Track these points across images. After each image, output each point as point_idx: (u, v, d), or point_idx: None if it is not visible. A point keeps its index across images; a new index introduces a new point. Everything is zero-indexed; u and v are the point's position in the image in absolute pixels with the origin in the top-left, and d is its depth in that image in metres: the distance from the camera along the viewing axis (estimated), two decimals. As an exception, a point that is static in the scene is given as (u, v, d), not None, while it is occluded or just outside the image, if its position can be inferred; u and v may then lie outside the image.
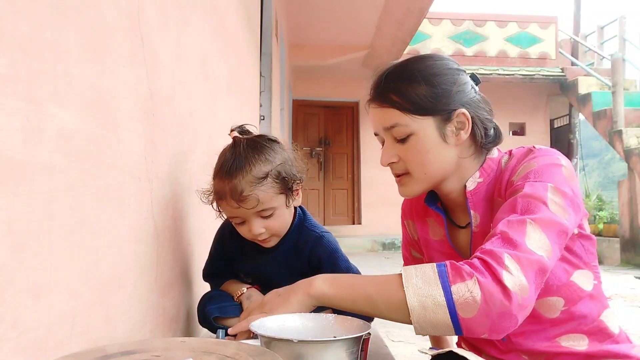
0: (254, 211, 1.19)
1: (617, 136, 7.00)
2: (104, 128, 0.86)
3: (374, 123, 1.02)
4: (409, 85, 0.95)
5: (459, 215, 1.05)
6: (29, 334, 0.64)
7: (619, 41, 8.48)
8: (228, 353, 0.71)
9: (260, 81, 3.68)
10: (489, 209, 0.98)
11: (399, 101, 0.95)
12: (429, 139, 0.95)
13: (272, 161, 1.21)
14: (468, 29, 8.79)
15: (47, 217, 0.68)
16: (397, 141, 0.97)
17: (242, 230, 1.27)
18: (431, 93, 0.94)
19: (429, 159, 0.96)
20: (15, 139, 0.61)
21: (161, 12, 1.18)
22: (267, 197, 1.19)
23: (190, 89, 1.48)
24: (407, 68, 0.98)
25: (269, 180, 1.19)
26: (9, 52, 0.59)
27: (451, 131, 0.96)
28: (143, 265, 1.06)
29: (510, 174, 0.95)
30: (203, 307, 1.39)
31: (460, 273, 0.78)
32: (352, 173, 8.51)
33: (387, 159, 0.99)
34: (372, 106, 1.02)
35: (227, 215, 1.27)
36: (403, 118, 0.95)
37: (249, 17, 3.00)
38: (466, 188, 0.99)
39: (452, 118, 0.95)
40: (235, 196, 1.17)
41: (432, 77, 0.95)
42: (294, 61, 7.02)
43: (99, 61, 0.84)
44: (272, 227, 1.24)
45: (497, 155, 1.01)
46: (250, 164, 1.18)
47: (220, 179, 1.22)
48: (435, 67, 0.97)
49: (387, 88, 0.97)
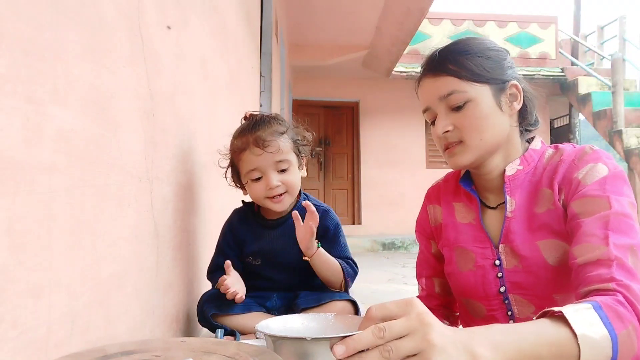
0: (274, 160, 1.35)
1: (617, 136, 7.00)
2: (104, 128, 0.86)
3: (427, 95, 1.01)
4: (465, 56, 0.98)
5: (489, 197, 1.07)
6: (29, 334, 0.64)
7: (619, 41, 8.48)
8: (228, 353, 0.71)
9: (260, 81, 3.68)
10: (528, 196, 0.99)
11: (456, 69, 0.97)
12: (487, 105, 0.97)
13: (286, 125, 1.41)
14: (468, 29, 8.78)
15: (47, 217, 0.68)
16: (452, 110, 0.98)
17: (257, 189, 1.39)
18: (487, 63, 0.98)
19: (486, 124, 0.97)
20: (15, 139, 0.61)
21: (161, 12, 1.18)
22: (285, 148, 1.37)
23: (190, 89, 1.48)
24: (460, 43, 1.01)
25: (286, 137, 1.39)
26: (9, 52, 0.59)
27: (505, 101, 0.99)
28: (143, 265, 1.06)
29: (568, 167, 0.95)
30: (202, 306, 1.40)
31: (621, 318, 0.74)
32: (352, 173, 8.51)
33: (442, 127, 0.98)
34: (426, 79, 1.02)
35: (246, 170, 1.38)
36: (461, 85, 0.97)
37: (249, 17, 3.00)
38: (505, 172, 1.01)
39: (505, 88, 0.99)
40: (259, 142, 1.34)
41: (486, 50, 1.00)
42: (294, 61, 7.02)
43: (99, 61, 0.84)
44: (287, 181, 1.38)
45: (540, 147, 1.04)
46: (270, 123, 1.39)
47: (243, 134, 1.40)
48: (487, 43, 1.02)
49: (444, 59, 0.99)
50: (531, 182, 1.00)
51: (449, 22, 8.77)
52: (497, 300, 1.00)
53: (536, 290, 0.95)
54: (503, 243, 1.00)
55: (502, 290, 0.99)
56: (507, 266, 0.99)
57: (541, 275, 0.94)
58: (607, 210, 0.86)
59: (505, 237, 1.00)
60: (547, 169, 0.99)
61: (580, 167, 0.94)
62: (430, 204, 1.19)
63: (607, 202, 0.87)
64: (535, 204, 0.98)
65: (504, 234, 1.00)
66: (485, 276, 1.01)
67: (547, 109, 9.09)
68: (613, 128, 7.11)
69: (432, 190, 1.20)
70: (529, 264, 0.96)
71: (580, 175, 0.93)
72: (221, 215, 1.70)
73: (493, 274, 1.00)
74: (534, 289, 0.96)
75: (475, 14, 9.01)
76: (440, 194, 1.17)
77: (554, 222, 0.95)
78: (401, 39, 6.21)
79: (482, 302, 1.02)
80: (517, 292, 0.98)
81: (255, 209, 1.54)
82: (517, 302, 0.98)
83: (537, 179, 1.00)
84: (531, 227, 0.98)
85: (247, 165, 1.37)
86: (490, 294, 1.00)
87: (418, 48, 8.28)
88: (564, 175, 0.95)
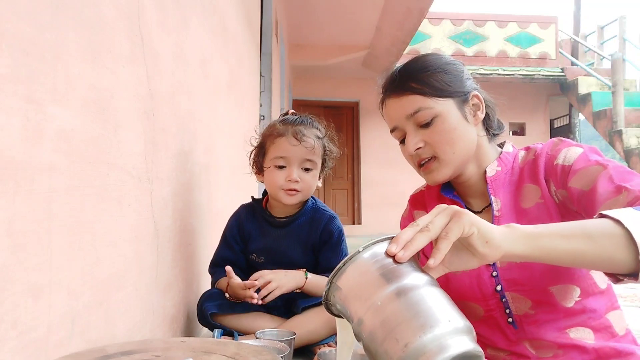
0: (304, 157, 1.41)
1: (617, 136, 7.00)
2: (104, 128, 0.86)
3: (393, 114, 1.03)
4: (425, 73, 1.00)
5: (472, 202, 1.08)
6: (29, 334, 0.64)
7: (619, 41, 8.47)
8: (228, 353, 0.71)
9: (260, 81, 3.67)
10: (511, 195, 1.02)
11: (420, 87, 0.99)
12: (453, 118, 0.99)
13: (323, 133, 1.49)
14: (468, 29, 8.78)
15: (47, 217, 0.68)
16: (421, 127, 1.00)
17: (277, 176, 1.43)
18: (447, 78, 1.00)
19: (456, 137, 0.99)
20: (15, 139, 0.61)
21: (161, 12, 1.18)
22: (317, 150, 1.44)
23: (190, 89, 1.48)
24: (418, 61, 1.03)
25: (320, 143, 1.46)
26: (9, 52, 0.59)
27: (469, 111, 1.02)
28: (143, 265, 1.06)
29: (547, 159, 0.98)
30: (201, 305, 1.41)
31: None
32: (352, 173, 8.51)
33: (414, 145, 1.00)
34: (390, 99, 1.03)
35: (275, 155, 1.43)
36: (426, 101, 0.99)
37: (249, 17, 3.00)
38: (486, 174, 1.04)
39: (468, 100, 1.02)
40: (298, 134, 1.41)
41: (444, 65, 1.02)
42: (294, 61, 7.01)
43: (99, 61, 0.84)
44: (306, 181, 1.43)
45: (512, 150, 1.08)
46: (312, 124, 1.48)
47: (286, 122, 1.46)
48: (442, 58, 1.04)
49: (405, 78, 1.01)
50: (511, 182, 1.03)
51: (449, 22, 8.77)
52: (494, 300, 1.00)
53: (532, 284, 0.96)
54: None
55: (498, 288, 0.99)
56: (501, 264, 0.99)
57: (535, 268, 0.95)
58: (603, 170, 0.89)
59: None
60: (526, 167, 1.02)
61: (556, 155, 0.97)
62: (417, 210, 1.20)
63: (598, 165, 0.90)
64: (521, 201, 1.00)
65: None
66: (480, 276, 1.01)
67: (547, 109, 9.09)
68: (613, 128, 7.11)
69: (416, 196, 1.21)
70: None
71: (559, 161, 0.95)
72: (221, 215, 1.70)
73: (487, 274, 1.00)
74: (529, 283, 0.96)
75: (475, 14, 9.00)
76: (425, 200, 1.18)
77: (544, 215, 0.96)
78: (401, 39, 6.21)
79: (479, 304, 1.02)
80: (513, 288, 0.98)
81: (264, 205, 1.54)
82: (514, 299, 0.98)
83: (516, 178, 1.03)
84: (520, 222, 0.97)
85: (278, 150, 1.42)
86: (487, 294, 1.01)
87: (418, 48, 8.28)
88: (545, 167, 0.98)
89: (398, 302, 0.61)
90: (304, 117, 1.48)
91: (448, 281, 1.04)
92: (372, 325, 0.61)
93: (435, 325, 0.59)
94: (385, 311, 0.60)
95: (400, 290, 0.62)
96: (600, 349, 0.94)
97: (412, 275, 0.64)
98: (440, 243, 0.66)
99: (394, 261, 0.64)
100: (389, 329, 0.59)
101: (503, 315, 1.00)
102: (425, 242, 0.66)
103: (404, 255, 0.64)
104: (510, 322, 0.99)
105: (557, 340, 0.95)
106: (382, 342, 0.60)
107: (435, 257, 0.65)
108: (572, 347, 0.95)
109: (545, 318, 0.96)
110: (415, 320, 0.59)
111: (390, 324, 0.60)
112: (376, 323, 0.61)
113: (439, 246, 0.66)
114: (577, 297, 0.95)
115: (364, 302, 0.62)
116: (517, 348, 0.99)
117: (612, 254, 0.71)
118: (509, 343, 1.00)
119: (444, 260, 0.70)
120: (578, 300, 0.95)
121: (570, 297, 0.95)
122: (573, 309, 0.95)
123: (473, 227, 0.67)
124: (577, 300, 0.95)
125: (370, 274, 0.64)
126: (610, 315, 0.97)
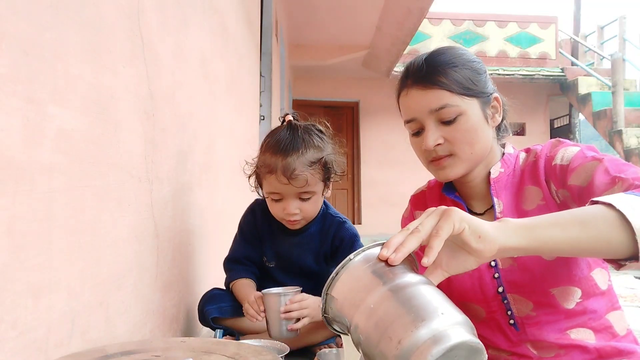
0: (299, 191, 1.30)
1: (617, 136, 6.99)
2: (104, 128, 0.86)
3: (415, 106, 1.00)
4: (453, 69, 0.98)
5: (474, 203, 1.07)
6: (29, 334, 0.64)
7: (619, 41, 8.47)
8: (228, 353, 0.71)
9: (260, 81, 3.67)
10: (513, 196, 1.02)
11: (448, 82, 0.97)
12: (476, 117, 0.98)
13: (323, 150, 1.34)
14: (468, 29, 8.78)
15: (47, 217, 0.68)
16: (442, 123, 0.98)
17: (275, 208, 1.35)
18: (473, 76, 0.99)
19: (476, 137, 0.98)
20: (15, 139, 0.61)
21: (161, 12, 1.18)
22: (313, 181, 1.31)
23: (190, 89, 1.48)
24: (445, 54, 1.01)
25: (318, 166, 1.31)
26: (9, 52, 0.59)
27: (489, 114, 1.01)
28: (143, 265, 1.06)
29: (546, 161, 0.99)
30: (202, 307, 1.41)
31: None
32: (352, 173, 8.51)
33: (434, 141, 0.98)
34: (414, 89, 1.00)
35: (268, 190, 1.34)
36: (453, 99, 0.97)
37: (249, 17, 3.00)
38: (490, 175, 1.03)
39: (490, 102, 1.01)
40: (287, 173, 1.27)
41: (469, 62, 1.00)
42: (294, 61, 7.01)
43: (99, 61, 0.84)
44: (307, 210, 1.35)
45: (513, 151, 1.07)
46: (306, 147, 1.30)
47: (274, 154, 1.30)
48: (469, 54, 1.03)
49: (433, 70, 0.98)
50: (513, 183, 1.03)
51: (449, 22, 8.76)
52: (496, 302, 1.00)
53: (533, 286, 0.96)
54: None
55: (500, 290, 0.99)
56: (503, 266, 0.99)
57: (536, 270, 0.95)
58: (599, 164, 0.89)
59: None
60: (527, 169, 1.02)
61: (554, 155, 0.97)
62: (418, 210, 1.19)
63: (594, 160, 0.90)
64: (522, 202, 1.00)
65: None
66: (482, 278, 1.01)
67: (547, 109, 9.09)
68: (613, 128, 7.11)
69: (417, 197, 1.20)
70: (524, 261, 0.96)
71: (558, 161, 0.96)
72: (221, 215, 1.70)
73: (489, 275, 1.00)
74: (530, 285, 0.96)
75: (475, 14, 9.00)
76: (427, 201, 1.17)
77: None
78: (401, 39, 6.21)
79: (481, 305, 1.02)
80: (515, 290, 0.98)
81: None
82: (516, 301, 0.98)
83: (517, 180, 1.02)
84: None
85: (270, 187, 1.33)
86: (489, 296, 1.01)
87: (418, 48, 8.27)
88: (545, 168, 0.98)
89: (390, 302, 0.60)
90: (297, 136, 1.32)
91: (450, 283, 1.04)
92: (367, 328, 0.60)
93: (427, 318, 0.57)
94: (378, 312, 0.60)
95: (393, 290, 0.61)
96: (602, 349, 0.94)
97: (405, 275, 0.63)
98: (431, 241, 0.65)
99: (386, 265, 0.64)
100: (383, 329, 0.58)
101: (504, 316, 1.00)
102: (417, 244, 0.66)
103: (396, 257, 0.64)
104: (511, 323, 0.99)
105: (558, 341, 0.95)
106: (378, 344, 0.59)
107: (429, 255, 0.64)
108: (574, 347, 0.95)
109: (547, 319, 0.96)
110: (407, 316, 0.58)
111: (384, 324, 0.58)
112: (370, 325, 0.60)
113: (430, 244, 0.65)
114: (578, 298, 0.95)
115: (358, 307, 0.61)
116: (519, 349, 0.99)
117: (608, 237, 0.71)
118: (510, 344, 1.00)
119: (442, 265, 0.69)
120: (579, 301, 0.95)
121: (571, 298, 0.95)
122: (574, 310, 0.95)
123: (463, 223, 0.66)
124: (577, 302, 0.95)
125: (362, 279, 0.63)
126: (611, 315, 0.98)
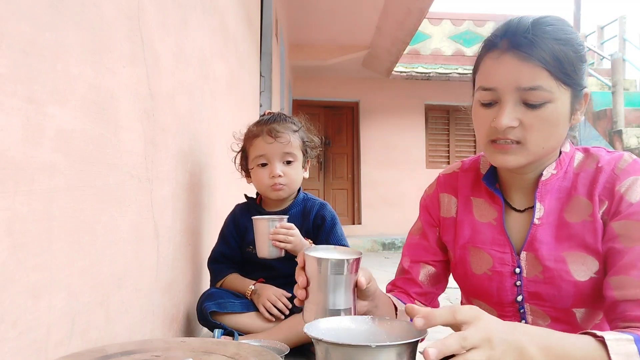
0: (282, 151, 1.48)
1: (617, 136, 6.99)
2: (104, 128, 0.86)
3: (502, 76, 0.85)
4: (561, 47, 0.84)
5: (515, 198, 0.98)
6: (29, 334, 0.64)
7: (619, 41, 8.47)
8: (228, 353, 0.71)
9: (260, 81, 3.67)
10: (558, 202, 0.93)
11: (551, 61, 0.83)
12: (564, 110, 0.86)
13: (299, 126, 1.55)
14: (468, 29, 8.77)
15: (47, 217, 0.68)
16: (525, 105, 0.85)
17: (261, 175, 1.51)
18: (577, 63, 0.85)
19: (554, 132, 0.87)
20: (15, 138, 0.61)
21: (161, 12, 1.18)
22: (294, 143, 1.51)
23: (190, 89, 1.48)
24: (555, 25, 0.86)
25: (297, 135, 1.53)
26: (9, 52, 0.59)
27: (576, 109, 0.89)
28: (143, 265, 1.06)
29: (608, 177, 0.89)
30: (201, 304, 1.41)
31: None
32: (352, 173, 8.51)
33: (509, 121, 0.84)
34: (509, 57, 0.85)
35: (255, 155, 1.51)
36: (549, 82, 0.83)
37: (249, 17, 3.00)
38: (542, 176, 0.93)
39: (581, 97, 0.89)
40: (272, 132, 1.48)
41: (577, 45, 0.86)
42: (294, 61, 7.01)
43: (99, 61, 0.84)
44: (289, 174, 1.50)
45: (569, 150, 0.95)
46: (285, 120, 1.54)
47: (260, 124, 1.53)
48: (576, 36, 0.88)
49: (539, 41, 0.83)
50: (561, 187, 0.93)
51: (449, 22, 8.76)
52: (511, 309, 0.95)
53: (555, 302, 0.91)
54: (526, 250, 0.93)
55: (519, 299, 0.94)
56: (528, 275, 0.93)
57: (563, 287, 0.89)
58: None
59: (530, 244, 0.93)
60: (582, 176, 0.92)
61: (621, 179, 0.87)
62: (445, 193, 1.07)
63: None
64: (566, 211, 0.92)
65: (528, 241, 0.93)
66: (502, 283, 0.95)
67: (547, 109, 9.07)
68: (613, 128, 7.11)
69: (446, 178, 1.08)
70: (552, 275, 0.90)
71: (622, 189, 0.86)
72: (221, 215, 1.70)
73: (511, 282, 0.94)
74: (553, 300, 0.91)
75: (475, 14, 9.00)
76: (458, 184, 1.06)
77: (588, 235, 0.89)
78: (401, 39, 6.20)
79: (495, 307, 0.97)
80: (535, 302, 0.93)
81: (258, 201, 1.62)
82: (533, 312, 0.94)
83: (567, 184, 0.93)
84: (559, 235, 0.91)
85: (257, 150, 1.50)
86: (506, 302, 0.95)
87: (418, 48, 8.28)
88: (604, 186, 0.88)
89: None
90: (276, 115, 1.56)
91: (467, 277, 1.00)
92: None
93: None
94: None
95: None
96: None
97: None
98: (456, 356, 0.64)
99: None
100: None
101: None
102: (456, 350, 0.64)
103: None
104: None
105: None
106: None
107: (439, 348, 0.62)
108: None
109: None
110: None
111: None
112: None
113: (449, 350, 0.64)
114: (598, 319, 0.92)
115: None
116: None
117: None
118: None
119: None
120: (597, 323, 0.92)
121: (592, 320, 0.92)
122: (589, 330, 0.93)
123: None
124: (596, 323, 0.92)
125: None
126: None
